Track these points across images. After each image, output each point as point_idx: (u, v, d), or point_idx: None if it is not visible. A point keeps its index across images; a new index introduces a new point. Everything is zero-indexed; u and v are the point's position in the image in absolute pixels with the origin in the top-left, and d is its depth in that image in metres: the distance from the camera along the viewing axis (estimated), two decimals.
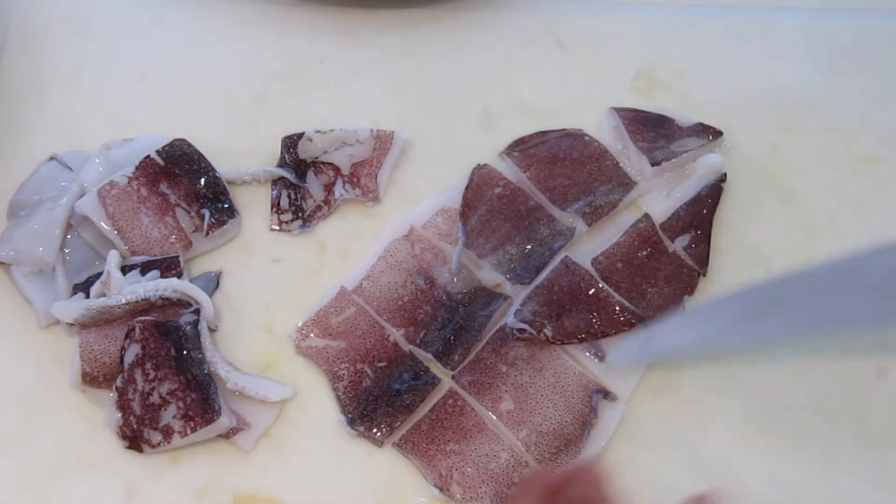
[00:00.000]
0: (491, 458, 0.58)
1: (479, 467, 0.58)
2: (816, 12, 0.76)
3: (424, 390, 0.60)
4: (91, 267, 0.64)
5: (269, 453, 0.59)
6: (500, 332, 0.62)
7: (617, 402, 0.60)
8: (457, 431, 0.59)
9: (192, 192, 0.65)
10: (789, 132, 0.71)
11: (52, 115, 0.70)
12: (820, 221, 0.67)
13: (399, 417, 0.59)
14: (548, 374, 0.60)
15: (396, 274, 0.64)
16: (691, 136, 0.68)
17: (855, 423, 0.61)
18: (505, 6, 0.75)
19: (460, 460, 0.58)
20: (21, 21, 0.74)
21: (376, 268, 0.64)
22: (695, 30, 0.75)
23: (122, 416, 0.58)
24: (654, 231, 0.64)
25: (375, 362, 0.61)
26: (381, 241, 0.65)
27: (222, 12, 0.75)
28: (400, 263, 0.64)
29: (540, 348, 0.61)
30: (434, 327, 0.62)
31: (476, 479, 0.58)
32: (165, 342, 0.58)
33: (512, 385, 0.60)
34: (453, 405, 0.60)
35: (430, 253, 0.64)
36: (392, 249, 0.64)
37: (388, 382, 0.60)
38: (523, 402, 0.60)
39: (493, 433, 0.59)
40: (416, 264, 0.64)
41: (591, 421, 0.59)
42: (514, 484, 0.57)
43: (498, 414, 0.59)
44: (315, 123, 0.68)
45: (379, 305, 0.63)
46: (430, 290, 0.63)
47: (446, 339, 0.61)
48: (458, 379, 0.60)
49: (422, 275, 0.64)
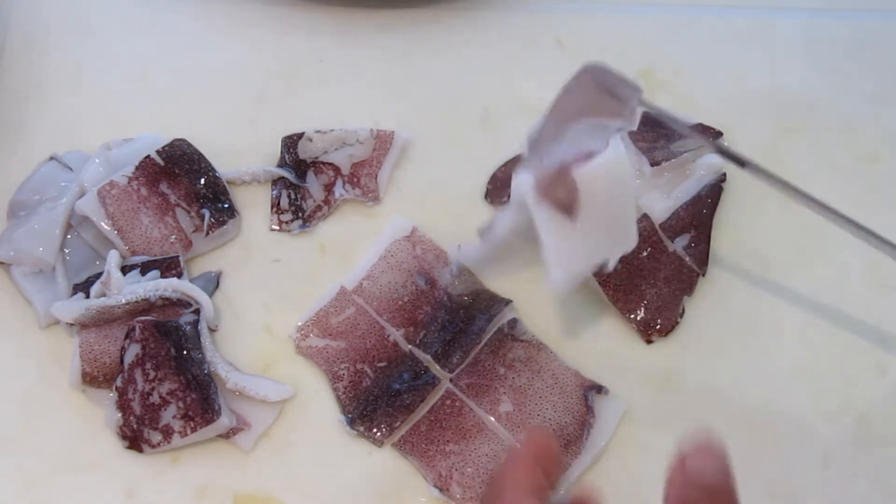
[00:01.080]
0: (491, 458, 0.58)
1: (479, 467, 0.58)
2: (816, 12, 0.76)
3: (424, 390, 0.60)
4: (91, 267, 0.64)
5: (269, 453, 0.59)
6: (498, 333, 0.62)
7: (609, 395, 0.60)
8: (456, 432, 0.59)
9: (192, 192, 0.65)
10: (789, 132, 0.71)
11: (52, 115, 0.70)
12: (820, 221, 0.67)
13: (399, 417, 0.59)
14: (546, 376, 0.60)
15: (397, 274, 0.64)
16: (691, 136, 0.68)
17: (855, 423, 0.61)
18: (505, 6, 0.75)
19: (460, 460, 0.58)
20: (21, 21, 0.74)
21: (377, 268, 0.64)
22: (695, 30, 0.75)
23: (122, 416, 0.58)
24: (654, 231, 0.64)
25: (375, 362, 0.61)
26: (381, 240, 0.65)
27: (222, 12, 0.75)
28: (401, 264, 0.64)
29: (538, 350, 0.61)
30: (434, 328, 0.62)
31: (476, 479, 0.58)
32: (165, 342, 0.58)
33: (510, 387, 0.60)
34: (451, 405, 0.60)
35: (432, 254, 0.64)
36: (393, 249, 0.64)
37: (388, 382, 0.60)
38: (522, 404, 0.60)
39: (493, 433, 0.59)
40: (416, 265, 0.64)
41: (589, 421, 0.59)
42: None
43: (497, 416, 0.59)
44: (315, 123, 0.68)
45: (379, 305, 0.63)
46: (431, 290, 0.63)
47: (445, 342, 0.61)
48: (457, 382, 0.60)
49: (423, 275, 0.64)
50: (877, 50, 0.74)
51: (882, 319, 0.64)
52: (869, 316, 0.64)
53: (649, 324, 0.63)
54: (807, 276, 0.65)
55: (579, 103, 0.54)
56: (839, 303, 0.64)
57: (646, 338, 0.63)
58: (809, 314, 0.64)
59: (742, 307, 0.64)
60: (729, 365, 0.62)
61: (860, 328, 0.64)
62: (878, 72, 0.73)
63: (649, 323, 0.63)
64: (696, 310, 0.64)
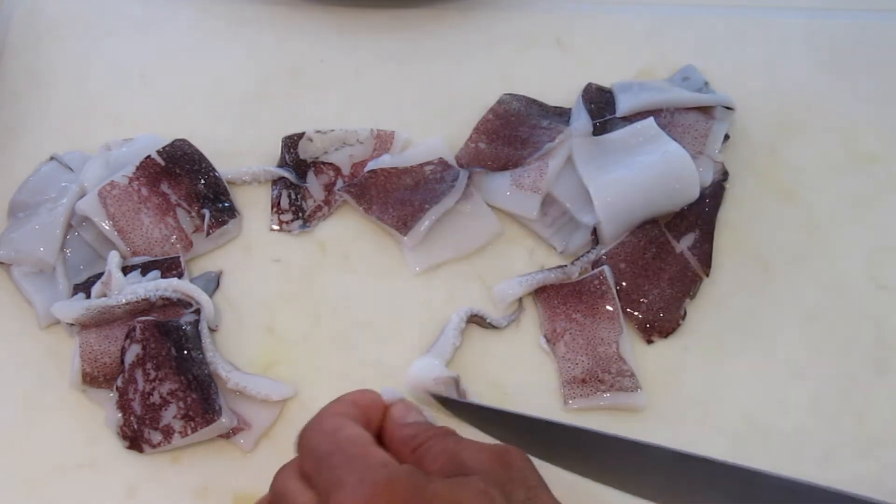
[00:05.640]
0: (600, 341, 0.61)
1: (590, 342, 0.61)
2: (816, 12, 0.76)
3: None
4: (91, 267, 0.64)
5: (269, 453, 0.59)
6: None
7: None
8: (589, 307, 0.62)
9: (192, 192, 0.65)
10: (789, 132, 0.71)
11: (52, 115, 0.70)
12: (820, 221, 0.68)
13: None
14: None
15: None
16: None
17: (855, 423, 0.61)
18: (505, 6, 0.75)
19: (578, 329, 0.62)
20: (21, 21, 0.74)
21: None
22: (695, 30, 0.75)
23: (123, 415, 0.58)
24: (660, 231, 0.64)
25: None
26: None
27: (222, 12, 0.75)
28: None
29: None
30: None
31: (579, 352, 0.61)
32: (166, 342, 0.58)
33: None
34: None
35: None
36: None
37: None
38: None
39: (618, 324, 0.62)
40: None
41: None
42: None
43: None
44: (315, 123, 0.68)
45: None
46: None
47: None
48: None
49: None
50: (877, 50, 0.74)
51: (882, 319, 0.64)
52: (869, 316, 0.64)
53: (651, 324, 0.63)
54: (807, 276, 0.65)
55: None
56: (839, 303, 0.64)
57: (646, 338, 0.63)
58: (809, 314, 0.64)
59: (742, 307, 0.64)
60: (729, 365, 0.62)
61: (860, 328, 0.64)
62: (878, 72, 0.73)
63: (651, 324, 0.63)
64: (697, 309, 0.64)
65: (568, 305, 0.62)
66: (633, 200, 0.63)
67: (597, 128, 0.66)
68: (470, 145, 0.68)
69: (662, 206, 0.64)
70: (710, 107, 0.67)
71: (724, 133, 0.67)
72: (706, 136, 0.66)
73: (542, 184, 0.64)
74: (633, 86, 0.69)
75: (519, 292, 0.63)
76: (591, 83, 0.70)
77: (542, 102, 0.70)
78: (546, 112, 0.69)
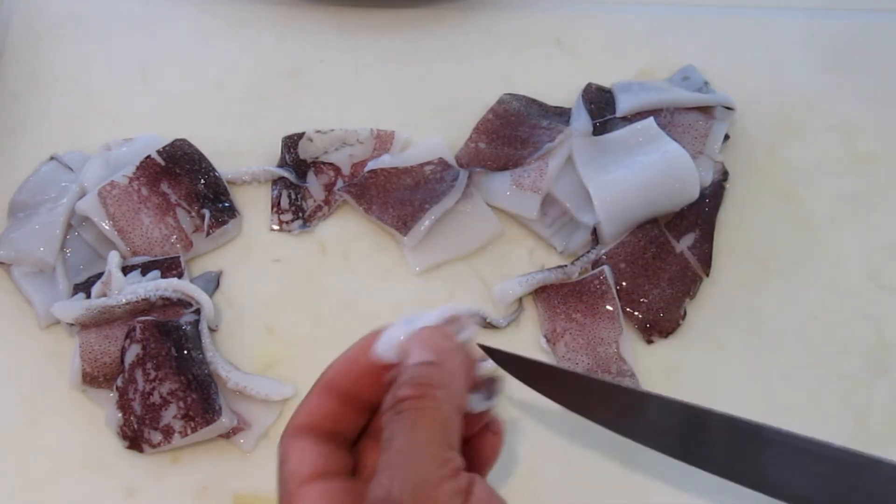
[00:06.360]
0: (600, 341, 0.62)
1: (589, 342, 0.61)
2: (816, 12, 0.76)
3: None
4: (91, 267, 0.64)
5: (269, 453, 0.59)
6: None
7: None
8: (589, 306, 0.63)
9: (192, 192, 0.65)
10: (789, 132, 0.71)
11: (52, 115, 0.70)
12: (820, 221, 0.68)
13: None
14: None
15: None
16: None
17: (855, 424, 0.61)
18: (505, 6, 0.75)
19: (578, 329, 0.62)
20: (21, 21, 0.74)
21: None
22: (695, 30, 0.75)
23: (123, 415, 0.58)
24: (660, 231, 0.64)
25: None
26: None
27: (222, 12, 0.75)
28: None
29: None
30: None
31: (579, 352, 0.61)
32: (166, 342, 0.58)
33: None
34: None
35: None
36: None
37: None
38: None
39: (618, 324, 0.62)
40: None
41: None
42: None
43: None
44: (315, 123, 0.68)
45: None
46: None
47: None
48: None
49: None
50: (877, 50, 0.74)
51: (882, 319, 0.64)
52: (869, 316, 0.64)
53: (651, 324, 0.63)
54: (807, 276, 0.65)
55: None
56: (839, 303, 0.64)
57: (646, 338, 0.63)
58: (809, 314, 0.64)
59: (742, 307, 0.64)
60: (729, 365, 0.62)
61: (860, 328, 0.64)
62: (878, 72, 0.73)
63: (651, 323, 0.63)
64: (697, 309, 0.64)
65: (568, 305, 0.62)
66: (633, 200, 0.63)
67: (597, 128, 0.66)
68: (470, 145, 0.68)
69: (662, 206, 0.64)
70: (710, 107, 0.67)
71: (724, 133, 0.67)
72: (706, 136, 0.66)
73: (542, 184, 0.64)
74: (633, 86, 0.69)
75: (519, 292, 0.63)
76: (591, 83, 0.70)
77: (542, 102, 0.70)
78: (546, 112, 0.69)
